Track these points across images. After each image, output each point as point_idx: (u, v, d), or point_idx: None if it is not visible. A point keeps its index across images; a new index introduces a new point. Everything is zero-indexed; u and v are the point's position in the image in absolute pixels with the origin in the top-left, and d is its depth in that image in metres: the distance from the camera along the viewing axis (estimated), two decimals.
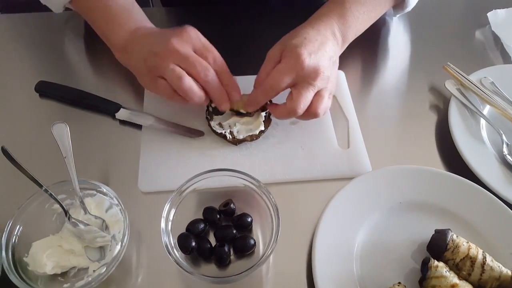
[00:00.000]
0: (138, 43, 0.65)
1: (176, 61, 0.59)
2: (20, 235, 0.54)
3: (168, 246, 0.52)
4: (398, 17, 0.87)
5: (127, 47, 0.66)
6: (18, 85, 0.77)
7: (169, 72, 0.59)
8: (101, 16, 0.68)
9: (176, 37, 0.60)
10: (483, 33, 0.88)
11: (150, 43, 0.63)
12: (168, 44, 0.59)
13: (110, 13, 0.67)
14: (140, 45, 0.64)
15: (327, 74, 0.61)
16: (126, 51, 0.66)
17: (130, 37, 0.66)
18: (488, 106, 0.72)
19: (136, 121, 0.70)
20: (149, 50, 0.62)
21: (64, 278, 0.54)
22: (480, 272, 0.51)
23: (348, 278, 0.54)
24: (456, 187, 0.61)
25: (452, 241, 0.54)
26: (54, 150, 0.58)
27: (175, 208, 0.56)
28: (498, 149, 0.67)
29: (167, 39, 0.60)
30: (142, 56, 0.62)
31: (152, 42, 0.62)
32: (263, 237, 0.58)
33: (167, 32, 0.63)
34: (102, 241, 0.55)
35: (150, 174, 0.64)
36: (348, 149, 0.67)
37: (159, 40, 0.62)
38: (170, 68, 0.59)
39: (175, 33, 0.61)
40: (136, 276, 0.56)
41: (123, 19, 0.67)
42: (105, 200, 0.59)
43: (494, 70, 0.77)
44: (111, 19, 0.67)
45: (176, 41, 0.60)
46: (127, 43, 0.66)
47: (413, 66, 0.82)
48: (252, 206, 0.60)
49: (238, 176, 0.58)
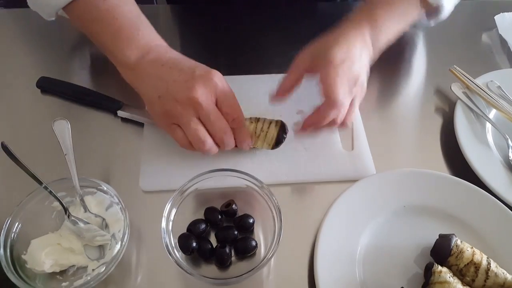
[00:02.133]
0: (152, 69, 0.58)
1: (197, 114, 0.56)
2: (18, 232, 0.53)
3: (168, 246, 0.52)
4: None
5: (137, 68, 0.59)
6: (19, 81, 0.76)
7: (191, 131, 0.56)
8: (105, 29, 0.60)
9: (201, 86, 0.55)
10: (490, 37, 0.87)
11: (169, 82, 0.57)
12: (192, 93, 0.55)
13: (116, 26, 0.59)
14: (155, 75, 0.58)
15: (363, 81, 0.60)
16: (135, 72, 0.60)
17: (141, 58, 0.59)
18: (494, 110, 0.71)
19: (138, 119, 0.69)
20: (167, 90, 0.56)
21: (62, 277, 0.54)
22: (484, 278, 0.51)
23: (350, 282, 0.53)
24: (461, 192, 0.61)
25: (456, 246, 0.53)
26: (55, 147, 0.58)
27: (176, 208, 0.56)
28: (504, 154, 0.66)
29: (191, 86, 0.55)
30: (157, 90, 0.57)
31: (173, 82, 0.56)
32: (264, 238, 0.58)
33: (190, 74, 0.56)
34: (101, 240, 0.55)
35: (151, 173, 0.63)
36: (352, 151, 0.67)
37: (181, 84, 0.56)
38: (193, 128, 0.56)
39: (200, 79, 0.56)
40: (136, 276, 0.55)
41: (132, 34, 0.60)
42: (106, 198, 0.58)
43: (500, 74, 0.76)
44: (118, 33, 0.60)
45: (201, 91, 0.55)
46: (137, 63, 0.59)
47: (419, 69, 0.81)
48: (254, 207, 0.59)
49: (240, 176, 0.58)
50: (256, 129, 0.61)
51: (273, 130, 0.62)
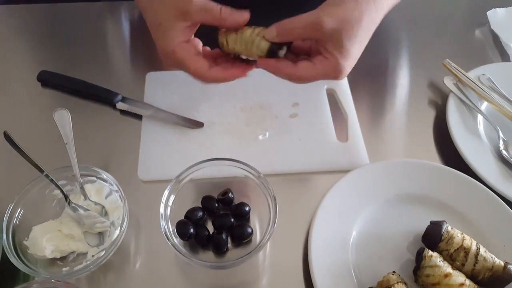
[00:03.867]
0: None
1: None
2: (20, 219, 0.55)
3: (166, 231, 0.53)
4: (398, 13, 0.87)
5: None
6: (20, 75, 0.78)
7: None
8: None
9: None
10: (482, 32, 0.88)
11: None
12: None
13: None
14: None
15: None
16: None
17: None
18: (485, 103, 0.73)
19: (136, 111, 0.70)
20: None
21: (63, 262, 0.55)
22: (473, 263, 0.52)
23: (343, 267, 0.55)
24: (453, 181, 0.62)
25: (447, 232, 0.54)
26: (56, 137, 0.59)
27: (174, 194, 0.57)
28: (495, 145, 0.67)
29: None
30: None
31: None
32: (260, 226, 0.59)
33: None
34: (101, 227, 0.56)
35: (149, 163, 0.65)
36: (347, 142, 0.68)
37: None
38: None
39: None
40: (135, 262, 0.57)
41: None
42: (105, 186, 0.59)
43: (492, 68, 0.77)
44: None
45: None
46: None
47: (413, 62, 0.83)
48: (250, 196, 0.61)
49: (237, 165, 0.59)
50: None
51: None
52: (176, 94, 0.72)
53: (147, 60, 0.81)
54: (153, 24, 0.54)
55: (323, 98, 0.73)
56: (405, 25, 0.89)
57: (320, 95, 0.74)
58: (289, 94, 0.73)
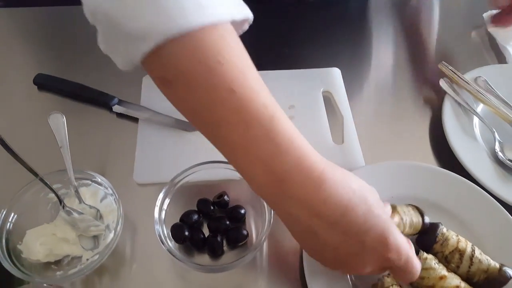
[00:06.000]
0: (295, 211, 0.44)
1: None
2: (14, 223, 0.55)
3: (161, 235, 0.53)
4: (394, 15, 0.88)
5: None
6: (17, 78, 0.77)
7: None
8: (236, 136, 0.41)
9: (372, 263, 0.45)
10: (478, 34, 0.88)
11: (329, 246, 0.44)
12: (360, 271, 0.46)
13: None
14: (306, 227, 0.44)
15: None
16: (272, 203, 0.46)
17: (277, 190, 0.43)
18: (481, 105, 0.73)
19: (133, 114, 0.70)
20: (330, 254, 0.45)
21: (57, 266, 0.55)
22: (468, 265, 0.52)
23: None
24: (448, 183, 0.62)
25: (442, 234, 0.54)
26: (51, 141, 0.59)
27: (169, 198, 0.57)
28: (490, 147, 0.67)
29: (361, 263, 0.45)
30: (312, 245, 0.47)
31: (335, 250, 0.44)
32: (256, 228, 0.59)
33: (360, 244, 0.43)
34: (96, 230, 0.56)
35: (145, 166, 0.65)
36: (342, 144, 0.68)
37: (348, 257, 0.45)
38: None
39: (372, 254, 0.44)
40: (130, 265, 0.57)
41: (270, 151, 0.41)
42: (100, 190, 0.59)
43: (488, 70, 0.77)
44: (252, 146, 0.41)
45: (372, 270, 0.46)
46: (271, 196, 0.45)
47: (409, 64, 0.82)
48: (245, 199, 0.60)
49: (232, 168, 0.58)
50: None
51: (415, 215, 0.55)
52: None
53: None
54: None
55: (319, 100, 0.73)
56: (401, 27, 0.89)
57: (316, 98, 0.74)
58: (285, 96, 0.73)
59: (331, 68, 0.78)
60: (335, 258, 0.45)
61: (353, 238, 0.43)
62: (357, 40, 0.73)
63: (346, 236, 0.43)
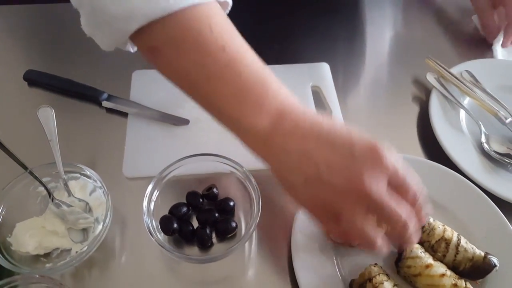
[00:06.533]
0: (291, 143, 0.45)
1: (365, 207, 0.43)
2: (4, 215, 0.55)
3: (150, 227, 0.53)
4: (382, 11, 0.88)
5: (269, 140, 0.46)
6: (6, 74, 0.77)
7: (358, 230, 0.45)
8: (225, 89, 0.44)
9: (369, 174, 0.42)
10: (466, 29, 0.89)
11: (320, 163, 0.44)
12: (358, 184, 0.42)
13: (240, 85, 0.44)
14: (297, 151, 0.45)
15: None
16: (267, 145, 0.46)
17: (274, 127, 0.45)
18: (467, 98, 0.74)
19: (122, 109, 0.71)
20: (318, 174, 0.44)
21: (47, 259, 0.55)
22: (454, 254, 0.53)
23: (326, 259, 0.55)
24: (435, 174, 0.63)
25: (428, 224, 0.55)
26: (41, 135, 0.59)
27: (158, 190, 0.57)
28: (477, 139, 0.68)
29: (356, 175, 0.43)
30: (302, 172, 0.45)
31: (326, 165, 0.44)
32: (245, 220, 0.59)
33: (349, 155, 0.43)
34: (85, 223, 0.56)
35: (134, 160, 0.65)
36: None
37: (340, 171, 0.43)
38: (360, 226, 0.44)
39: (366, 164, 0.43)
40: (120, 258, 0.57)
41: (261, 94, 0.45)
42: (89, 183, 0.59)
43: (474, 64, 0.78)
44: (242, 94, 0.45)
45: (370, 182, 0.42)
46: (269, 134, 0.45)
47: (396, 59, 0.84)
48: (235, 192, 0.61)
49: (221, 161, 0.59)
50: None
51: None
52: (162, 92, 0.73)
53: (133, 58, 0.80)
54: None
55: (308, 94, 0.74)
56: (389, 22, 0.90)
57: (305, 92, 0.74)
58: None
59: (320, 63, 0.79)
60: (331, 182, 0.44)
61: (341, 149, 0.44)
62: (347, 36, 0.74)
63: (334, 148, 0.44)
